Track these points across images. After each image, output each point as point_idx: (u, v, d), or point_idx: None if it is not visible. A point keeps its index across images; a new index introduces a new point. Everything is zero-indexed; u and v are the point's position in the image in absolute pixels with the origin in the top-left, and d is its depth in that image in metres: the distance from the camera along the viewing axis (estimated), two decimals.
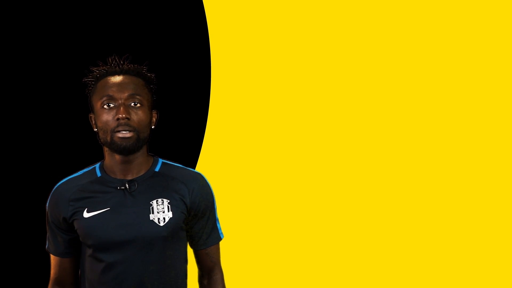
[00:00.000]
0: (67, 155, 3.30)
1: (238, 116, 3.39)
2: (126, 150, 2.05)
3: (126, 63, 2.14)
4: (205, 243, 2.21)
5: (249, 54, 3.38)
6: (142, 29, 3.33)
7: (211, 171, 3.31)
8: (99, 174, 2.13)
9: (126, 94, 2.06)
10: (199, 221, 2.17)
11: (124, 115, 2.03)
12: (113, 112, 2.05)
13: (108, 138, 2.05)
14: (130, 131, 2.04)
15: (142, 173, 2.13)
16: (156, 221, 2.08)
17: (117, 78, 2.09)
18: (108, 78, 2.10)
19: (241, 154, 3.38)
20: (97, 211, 2.08)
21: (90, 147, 2.43)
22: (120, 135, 2.04)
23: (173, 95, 3.28)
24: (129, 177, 2.12)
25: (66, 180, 2.16)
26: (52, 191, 2.16)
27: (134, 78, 2.11)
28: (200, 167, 3.35)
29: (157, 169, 2.14)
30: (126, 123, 2.03)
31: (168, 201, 2.10)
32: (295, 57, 3.37)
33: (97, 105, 2.08)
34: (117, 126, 2.04)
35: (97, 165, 2.16)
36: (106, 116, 2.05)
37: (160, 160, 2.18)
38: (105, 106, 2.05)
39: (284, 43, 3.37)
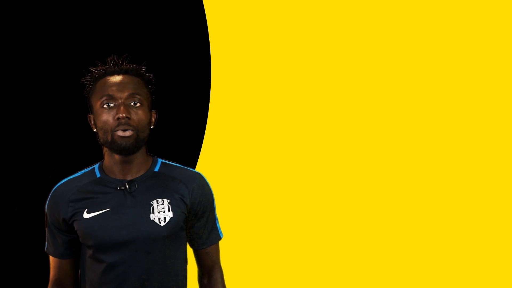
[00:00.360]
0: (66, 155, 3.29)
1: (238, 116, 3.39)
2: (126, 150, 2.05)
3: (125, 63, 2.14)
4: (205, 243, 2.21)
5: (249, 54, 3.38)
6: (142, 29, 3.32)
7: (211, 171, 3.31)
8: (98, 174, 2.12)
9: (126, 94, 2.06)
10: (199, 221, 2.18)
11: (124, 114, 2.02)
12: (113, 112, 2.04)
13: (109, 138, 2.04)
14: (130, 130, 2.04)
15: (141, 173, 2.12)
16: (156, 221, 2.08)
17: (117, 78, 2.09)
18: (107, 78, 2.10)
19: (241, 154, 3.38)
20: (97, 212, 2.08)
21: (89, 147, 2.42)
22: (120, 133, 2.03)
23: (173, 95, 3.28)
24: (129, 177, 2.11)
25: (65, 181, 2.15)
26: (51, 193, 2.15)
27: (134, 78, 2.11)
28: (200, 167, 3.35)
29: (156, 169, 2.14)
30: (126, 122, 2.03)
31: (168, 201, 2.10)
32: (295, 57, 3.37)
33: (96, 105, 2.07)
34: (118, 125, 2.03)
35: (96, 166, 2.16)
36: (106, 116, 2.04)
37: (160, 160, 2.18)
38: (105, 106, 2.05)
39: (284, 43, 3.37)
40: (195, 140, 3.39)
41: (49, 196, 2.15)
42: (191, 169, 2.20)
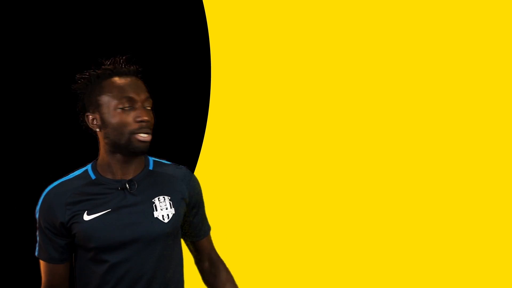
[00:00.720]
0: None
1: (238, 116, 3.39)
2: (142, 153, 2.07)
3: (130, 64, 2.13)
4: (205, 232, 2.26)
5: (249, 54, 3.38)
6: (142, 29, 3.33)
7: (211, 171, 3.31)
8: (93, 176, 2.10)
9: (143, 97, 2.07)
10: (197, 213, 2.22)
11: (147, 118, 2.04)
12: (132, 114, 2.04)
13: (124, 139, 2.04)
14: (149, 134, 2.05)
15: (138, 172, 2.13)
16: (160, 218, 2.09)
17: (127, 79, 2.08)
18: (116, 78, 2.08)
19: (241, 154, 3.38)
20: (98, 213, 2.07)
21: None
22: (140, 138, 2.04)
23: (173, 95, 3.28)
24: (128, 177, 2.11)
25: (57, 184, 2.12)
26: (43, 196, 2.11)
27: (140, 80, 2.12)
28: (200, 167, 3.35)
29: (151, 167, 2.16)
30: (147, 126, 2.05)
31: (169, 197, 2.12)
32: (295, 57, 3.37)
33: (110, 104, 2.05)
34: (139, 128, 2.03)
35: (88, 168, 2.14)
36: (123, 117, 2.04)
37: (151, 159, 2.19)
38: (123, 107, 2.05)
39: (284, 43, 3.37)
40: (195, 140, 3.40)
41: (41, 201, 2.11)
42: (179, 165, 2.22)
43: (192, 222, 2.21)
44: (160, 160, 2.20)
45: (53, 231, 2.09)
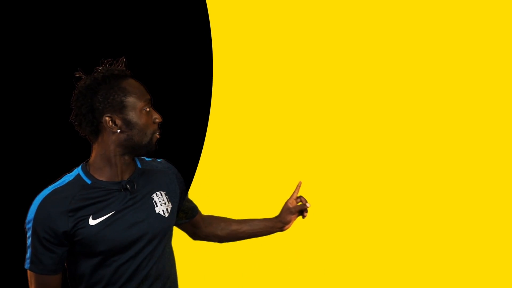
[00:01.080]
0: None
1: (239, 117, 3.39)
2: (154, 152, 2.12)
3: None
4: (197, 207, 2.39)
5: (251, 55, 3.38)
6: (144, 29, 3.33)
7: (212, 171, 3.31)
8: (88, 181, 2.08)
9: (150, 98, 2.13)
10: (186, 195, 2.33)
11: (161, 119, 2.11)
12: (150, 115, 2.09)
13: (146, 140, 2.08)
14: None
15: (132, 171, 2.13)
16: (162, 213, 2.13)
17: (137, 81, 2.12)
18: (132, 80, 2.10)
19: (242, 155, 3.38)
20: (104, 217, 2.06)
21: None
22: (158, 137, 2.11)
23: (174, 95, 3.28)
24: (125, 178, 2.11)
25: (51, 192, 2.07)
26: (38, 206, 2.04)
27: None
28: (201, 168, 3.35)
29: (140, 166, 2.17)
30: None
31: (165, 192, 2.17)
32: (297, 57, 3.37)
33: (136, 106, 2.06)
34: (158, 128, 2.11)
35: (79, 172, 2.11)
36: (147, 118, 2.09)
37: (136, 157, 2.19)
38: (145, 109, 2.08)
39: (286, 43, 3.37)
40: (196, 141, 3.40)
41: (35, 210, 2.04)
42: (158, 159, 2.27)
43: (187, 203, 2.33)
44: (143, 158, 2.22)
45: (53, 241, 2.05)
